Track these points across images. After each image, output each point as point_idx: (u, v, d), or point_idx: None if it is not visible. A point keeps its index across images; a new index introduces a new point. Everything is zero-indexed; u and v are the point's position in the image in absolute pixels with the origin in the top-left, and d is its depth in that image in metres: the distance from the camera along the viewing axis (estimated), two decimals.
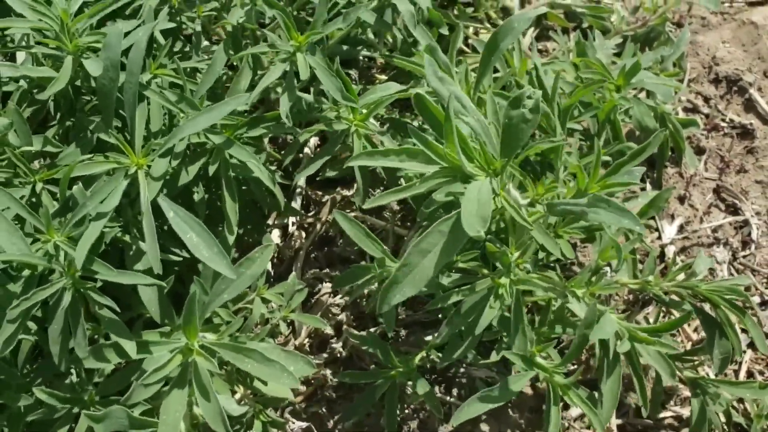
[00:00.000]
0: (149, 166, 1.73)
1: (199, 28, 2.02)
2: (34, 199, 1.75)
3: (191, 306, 1.56)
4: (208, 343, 1.61)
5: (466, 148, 1.52)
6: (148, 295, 1.73)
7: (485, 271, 1.83)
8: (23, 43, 1.86)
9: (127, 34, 1.77)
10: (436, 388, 2.07)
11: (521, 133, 1.49)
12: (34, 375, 1.78)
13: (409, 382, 2.01)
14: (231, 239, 1.85)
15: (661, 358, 1.82)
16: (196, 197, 1.89)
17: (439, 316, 2.12)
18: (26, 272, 1.65)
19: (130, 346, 1.62)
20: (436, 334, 1.97)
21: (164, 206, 1.66)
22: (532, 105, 1.47)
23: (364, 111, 1.99)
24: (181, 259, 1.88)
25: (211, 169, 1.83)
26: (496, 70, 2.22)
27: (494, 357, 1.96)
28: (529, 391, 2.10)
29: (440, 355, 1.92)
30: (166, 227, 1.84)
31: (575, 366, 2.10)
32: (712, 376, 2.01)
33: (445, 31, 2.28)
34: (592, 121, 2.19)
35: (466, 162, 1.50)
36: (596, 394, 1.84)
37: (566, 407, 2.08)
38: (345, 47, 2.30)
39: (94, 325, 1.79)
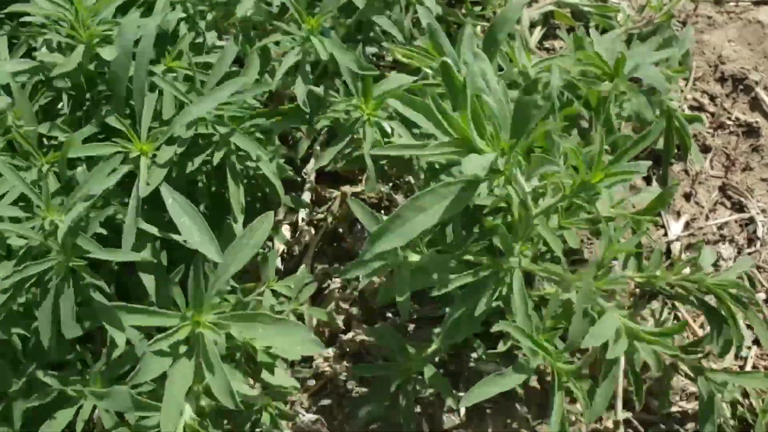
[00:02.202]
0: (155, 154, 1.75)
1: (210, 19, 2.04)
2: (40, 184, 1.77)
3: (197, 279, 1.57)
4: (216, 317, 1.61)
5: (478, 122, 1.53)
6: (150, 279, 1.74)
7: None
8: (39, 32, 1.89)
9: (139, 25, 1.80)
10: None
11: (530, 117, 1.50)
12: (33, 361, 1.79)
13: (419, 377, 2.02)
14: (238, 226, 1.87)
15: (654, 357, 1.82)
16: (201, 185, 1.90)
17: (446, 309, 2.14)
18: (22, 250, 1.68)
19: (119, 337, 1.66)
20: (443, 323, 1.97)
21: (164, 192, 1.68)
22: (546, 93, 1.49)
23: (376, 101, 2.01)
24: (184, 254, 1.90)
25: (217, 157, 1.84)
26: (501, 69, 2.22)
27: (501, 347, 1.97)
28: (536, 385, 2.11)
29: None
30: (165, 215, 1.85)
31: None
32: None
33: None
34: (589, 113, 2.19)
35: (476, 135, 1.52)
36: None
37: (573, 401, 2.08)
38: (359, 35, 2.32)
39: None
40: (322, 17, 1.96)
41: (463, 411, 2.06)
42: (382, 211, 2.31)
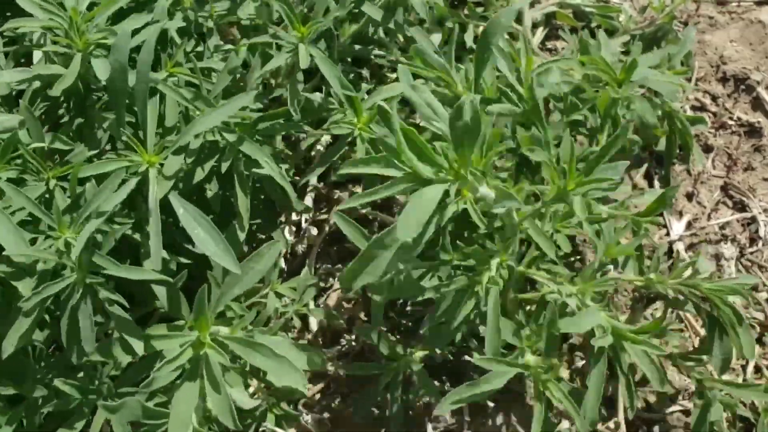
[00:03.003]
0: (162, 165, 1.77)
1: (212, 26, 2.05)
2: (47, 196, 1.79)
3: (201, 299, 1.60)
4: (220, 336, 1.64)
5: (425, 153, 1.56)
6: (162, 291, 1.77)
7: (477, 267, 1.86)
8: (38, 43, 1.91)
9: (138, 31, 1.82)
10: (445, 380, 2.10)
11: (468, 139, 1.53)
12: (50, 367, 1.82)
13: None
14: (242, 236, 1.89)
15: (647, 360, 1.82)
16: (209, 194, 1.92)
17: None
18: (39, 268, 1.69)
19: (137, 345, 1.68)
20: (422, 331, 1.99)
21: (175, 203, 1.69)
22: (471, 115, 1.50)
23: (367, 114, 2.02)
24: (191, 261, 1.92)
25: (224, 166, 1.86)
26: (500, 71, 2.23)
27: None
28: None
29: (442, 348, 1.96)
30: (181, 225, 1.88)
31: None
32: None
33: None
34: (594, 117, 2.21)
35: (421, 167, 1.55)
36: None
37: None
38: (357, 47, 2.34)
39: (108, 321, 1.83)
40: (313, 26, 1.97)
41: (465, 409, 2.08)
42: (384, 212, 2.32)
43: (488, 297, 1.78)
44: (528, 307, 2.04)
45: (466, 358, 2.12)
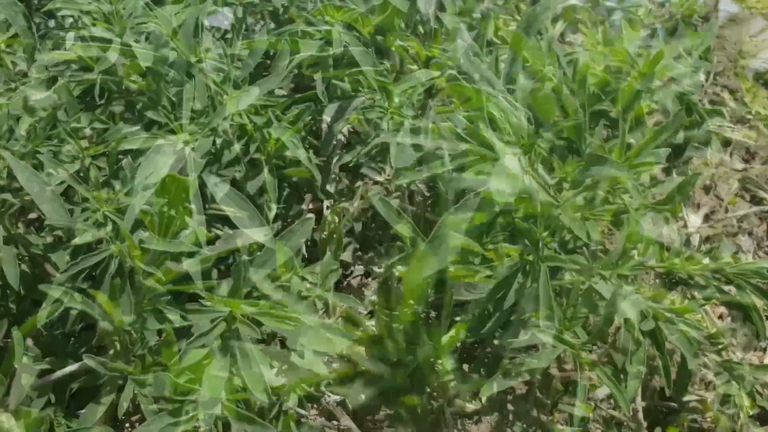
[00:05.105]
0: (194, 148, 1.80)
1: (240, 15, 2.08)
2: (82, 174, 1.82)
3: (239, 273, 1.62)
4: (251, 312, 1.66)
5: (496, 125, 1.56)
6: (193, 267, 1.79)
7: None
8: (75, 25, 1.94)
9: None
10: (465, 368, 2.12)
11: (547, 109, 1.53)
12: (80, 344, 1.84)
13: (439, 361, 2.05)
14: (271, 215, 1.91)
15: (686, 341, 1.84)
16: (238, 175, 1.95)
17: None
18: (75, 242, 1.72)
19: (173, 315, 1.70)
20: (463, 315, 2.01)
21: (208, 181, 1.72)
22: (555, 83, 1.51)
23: (398, 99, 2.04)
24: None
25: (252, 148, 1.89)
26: (526, 61, 2.26)
27: (522, 336, 2.00)
28: (556, 373, 2.13)
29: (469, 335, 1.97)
30: (207, 207, 1.90)
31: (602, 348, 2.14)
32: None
33: None
34: (617, 110, 2.22)
35: (495, 139, 1.55)
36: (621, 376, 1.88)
37: (591, 388, 2.11)
38: (379, 37, 2.35)
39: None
40: (347, 12, 1.99)
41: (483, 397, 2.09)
42: (406, 200, 2.34)
43: (540, 275, 1.80)
44: None
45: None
